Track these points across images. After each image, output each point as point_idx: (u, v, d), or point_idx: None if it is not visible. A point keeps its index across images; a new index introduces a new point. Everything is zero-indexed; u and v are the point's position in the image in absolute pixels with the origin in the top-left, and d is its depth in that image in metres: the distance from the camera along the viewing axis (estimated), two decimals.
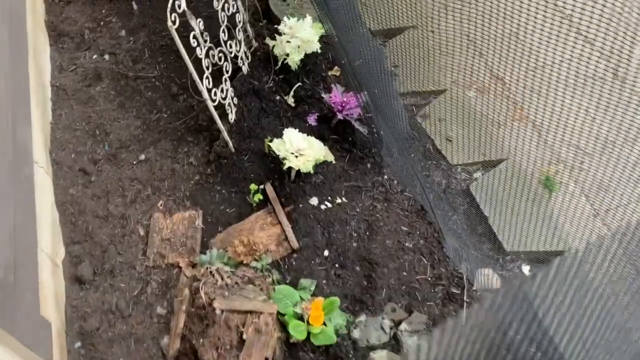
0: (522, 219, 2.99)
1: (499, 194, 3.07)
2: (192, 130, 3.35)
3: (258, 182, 3.02)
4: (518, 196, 3.08)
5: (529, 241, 2.93)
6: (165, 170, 3.22)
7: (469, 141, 3.35)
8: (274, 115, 3.26)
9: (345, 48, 2.84)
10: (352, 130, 3.21)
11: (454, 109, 3.49)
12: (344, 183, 3.06)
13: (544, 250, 2.88)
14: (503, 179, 3.12)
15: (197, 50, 2.65)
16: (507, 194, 3.05)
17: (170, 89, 3.58)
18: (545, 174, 3.49)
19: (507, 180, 3.13)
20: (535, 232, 3.00)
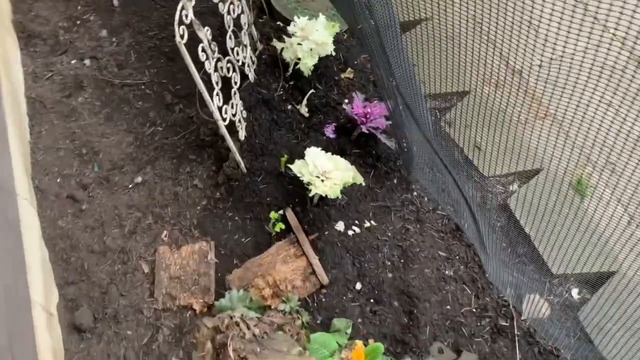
0: (564, 235, 2.75)
1: (539, 208, 2.81)
2: (194, 147, 2.98)
3: (276, 207, 2.69)
4: (557, 210, 2.83)
5: (575, 260, 2.69)
6: (167, 195, 2.85)
7: (499, 148, 3.07)
8: (287, 127, 2.91)
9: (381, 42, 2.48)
10: (375, 142, 2.89)
11: (479, 112, 3.20)
12: (370, 203, 2.75)
13: (592, 272, 2.64)
14: (541, 192, 2.86)
15: (206, 64, 2.28)
16: (548, 209, 2.79)
17: (164, 97, 3.18)
18: (578, 177, 3.26)
19: (546, 193, 2.87)
20: (579, 250, 2.77)
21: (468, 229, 2.76)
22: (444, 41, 3.47)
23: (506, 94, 3.18)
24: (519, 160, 3.07)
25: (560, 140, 3.09)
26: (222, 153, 2.86)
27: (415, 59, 3.37)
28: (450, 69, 3.35)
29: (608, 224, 2.75)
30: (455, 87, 3.26)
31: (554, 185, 2.98)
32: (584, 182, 3.23)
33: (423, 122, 2.72)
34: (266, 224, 2.67)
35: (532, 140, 3.12)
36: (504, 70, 3.38)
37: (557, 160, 2.96)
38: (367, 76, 3.24)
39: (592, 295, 2.63)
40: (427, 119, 2.82)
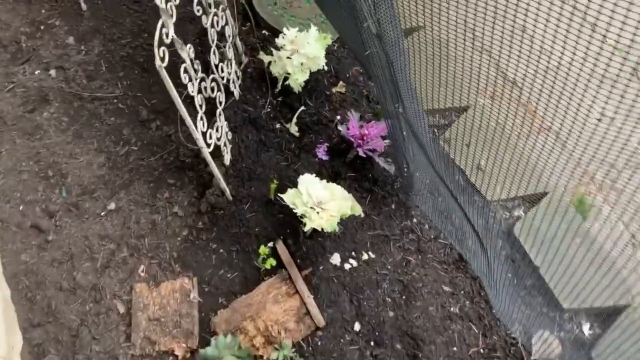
0: (573, 267, 2.59)
1: (546, 236, 2.63)
2: (173, 169, 2.71)
3: (265, 238, 2.45)
4: (565, 238, 2.66)
5: (585, 293, 2.53)
6: (143, 224, 2.58)
7: (501, 168, 2.89)
8: (276, 148, 2.67)
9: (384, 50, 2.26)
10: (372, 164, 2.67)
11: (479, 129, 3.00)
12: (368, 232, 2.53)
13: (604, 306, 2.48)
14: (545, 217, 2.69)
15: (189, 86, 2.02)
16: (556, 236, 2.62)
17: (139, 112, 2.90)
18: (578, 195, 3.10)
19: (552, 218, 2.70)
20: (590, 283, 2.61)
21: (473, 258, 2.57)
22: (438, 50, 3.27)
23: (504, 107, 3.00)
24: (522, 182, 2.89)
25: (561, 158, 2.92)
26: (205, 177, 2.60)
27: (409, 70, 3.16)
28: (445, 81, 3.15)
29: (619, 255, 2.60)
30: (452, 101, 3.06)
31: (558, 211, 2.81)
32: (586, 201, 3.08)
33: (427, 144, 2.52)
34: (254, 257, 2.43)
35: (533, 157, 2.95)
36: (502, 81, 3.20)
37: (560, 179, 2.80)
38: (360, 90, 3.02)
39: (604, 332, 2.47)
40: (430, 140, 2.62)
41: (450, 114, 3.08)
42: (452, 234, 2.66)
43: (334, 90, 2.93)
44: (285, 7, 3.14)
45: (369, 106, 3.00)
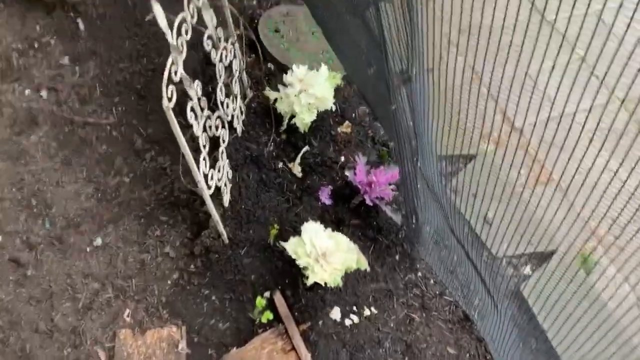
0: (584, 334, 2.47)
1: (553, 297, 2.52)
2: (166, 205, 2.55)
3: (261, 287, 2.30)
4: (574, 302, 2.55)
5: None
6: (131, 263, 2.41)
7: (509, 222, 2.78)
8: (277, 189, 2.54)
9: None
10: (377, 212, 2.55)
11: (487, 178, 2.90)
12: (370, 285, 2.40)
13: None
14: (557, 277, 2.58)
15: (194, 125, 1.88)
16: (563, 297, 2.51)
17: (133, 141, 2.75)
18: (583, 253, 3.00)
19: (560, 279, 2.59)
20: (596, 347, 2.49)
21: (479, 318, 2.44)
22: (444, 95, 3.18)
23: (509, 156, 2.90)
24: (529, 237, 2.79)
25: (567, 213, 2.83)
26: (201, 216, 2.45)
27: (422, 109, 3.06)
28: (456, 126, 3.06)
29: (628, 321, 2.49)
30: (460, 149, 2.96)
31: (565, 270, 2.71)
32: (591, 259, 2.98)
33: (441, 194, 2.41)
34: (249, 307, 2.28)
35: (538, 211, 2.85)
36: (508, 129, 3.12)
37: (566, 235, 2.70)
38: (366, 131, 2.90)
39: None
40: (443, 190, 2.51)
41: (458, 161, 2.98)
42: (457, 290, 2.54)
43: (339, 130, 2.82)
44: (293, 41, 3.03)
45: (374, 148, 2.89)
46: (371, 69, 2.15)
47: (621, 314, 2.53)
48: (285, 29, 3.08)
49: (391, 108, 1.79)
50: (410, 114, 2.01)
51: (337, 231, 2.43)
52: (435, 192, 2.21)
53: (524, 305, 2.48)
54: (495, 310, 2.27)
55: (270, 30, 3.04)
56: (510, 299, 2.49)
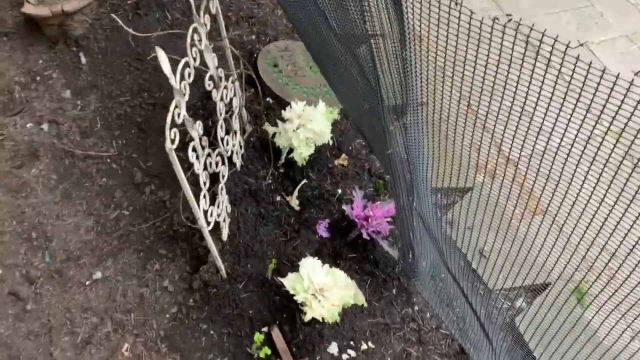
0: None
1: (549, 331, 2.54)
2: (165, 239, 2.58)
3: (259, 322, 2.32)
4: (568, 331, 2.57)
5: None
6: (130, 297, 2.43)
7: (503, 255, 2.82)
8: (275, 222, 2.57)
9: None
10: (374, 245, 2.58)
11: (482, 211, 2.94)
12: (367, 320, 2.42)
13: None
14: (552, 310, 2.61)
15: (195, 164, 1.92)
16: (560, 332, 2.54)
17: (133, 174, 2.79)
18: (579, 287, 3.04)
19: (554, 312, 2.62)
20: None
21: (474, 352, 2.46)
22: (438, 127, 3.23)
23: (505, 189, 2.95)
24: (523, 269, 2.82)
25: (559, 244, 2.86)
26: (200, 250, 2.48)
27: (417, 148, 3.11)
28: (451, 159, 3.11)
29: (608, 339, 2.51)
30: (457, 182, 3.01)
31: (559, 303, 2.74)
32: (584, 289, 3.01)
33: (435, 228, 2.45)
34: (247, 341, 2.29)
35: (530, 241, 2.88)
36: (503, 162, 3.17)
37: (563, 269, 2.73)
38: (362, 163, 2.95)
39: None
40: (437, 223, 2.55)
41: (454, 194, 3.02)
42: (453, 323, 2.56)
43: (336, 163, 2.86)
44: (291, 75, 3.10)
45: (370, 180, 2.93)
46: (365, 104, 2.20)
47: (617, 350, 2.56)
48: (283, 64, 3.15)
49: (387, 150, 1.83)
50: (404, 148, 2.06)
51: (334, 265, 2.47)
52: (429, 227, 2.25)
53: (520, 340, 2.50)
54: (489, 345, 2.30)
55: (269, 65, 3.10)
56: (506, 332, 2.52)
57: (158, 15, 3.33)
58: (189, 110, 2.84)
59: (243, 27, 3.40)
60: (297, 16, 2.58)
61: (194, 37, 1.91)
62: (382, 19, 1.70)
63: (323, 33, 2.08)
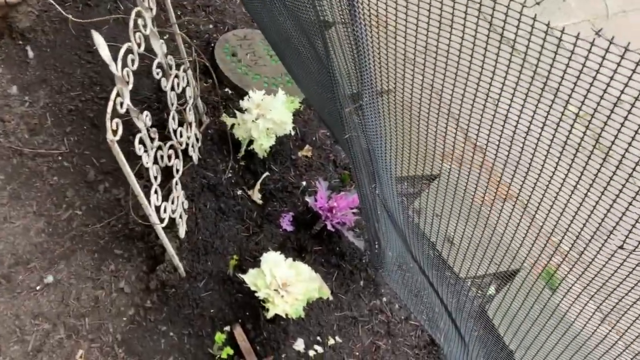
0: (547, 349, 2.45)
1: (520, 317, 2.50)
2: (121, 238, 2.46)
3: (221, 321, 2.22)
4: (540, 321, 2.53)
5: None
6: (85, 301, 2.31)
7: (472, 242, 2.77)
8: (236, 217, 2.47)
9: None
10: (340, 237, 2.50)
11: (453, 199, 2.88)
12: (334, 313, 2.34)
13: None
14: (522, 296, 2.57)
15: (144, 157, 1.81)
16: (530, 318, 2.50)
17: (86, 172, 2.65)
18: (547, 269, 3.01)
19: (525, 298, 2.58)
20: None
21: (445, 341, 2.41)
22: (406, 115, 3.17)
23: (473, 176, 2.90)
24: (493, 256, 2.77)
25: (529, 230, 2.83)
26: (157, 249, 2.36)
27: (377, 135, 3.04)
28: (416, 146, 3.05)
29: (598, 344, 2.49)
30: (423, 169, 2.95)
31: (529, 287, 2.70)
32: (554, 274, 2.99)
33: (399, 217, 2.38)
34: (209, 342, 2.19)
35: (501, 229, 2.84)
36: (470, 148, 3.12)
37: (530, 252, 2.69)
38: (327, 154, 2.87)
39: None
40: (402, 212, 2.49)
41: (420, 182, 2.96)
42: (422, 313, 2.50)
43: (299, 154, 2.77)
44: (250, 64, 2.99)
45: (335, 171, 2.85)
46: (325, 93, 2.12)
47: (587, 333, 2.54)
48: (242, 53, 3.04)
49: (344, 135, 1.75)
50: (364, 137, 1.98)
51: (299, 259, 2.38)
52: (393, 216, 2.18)
53: (490, 326, 2.46)
54: (458, 335, 2.24)
55: (227, 54, 2.99)
56: (475, 320, 2.47)
57: (109, 6, 3.19)
58: (142, 103, 2.72)
59: (200, 15, 3.27)
60: (252, 3, 2.48)
61: (138, 22, 1.79)
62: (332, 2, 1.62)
63: (277, 19, 1.99)
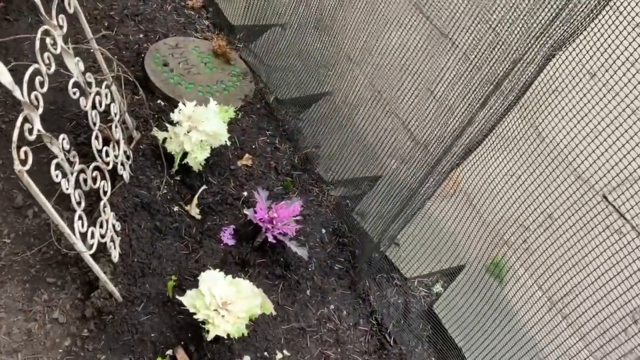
0: (495, 343, 2.47)
1: (466, 313, 2.51)
2: (53, 265, 2.34)
3: (163, 345, 2.14)
4: (487, 313, 2.55)
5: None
6: (17, 335, 2.18)
7: (418, 242, 2.76)
8: (174, 235, 2.38)
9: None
10: (283, 247, 2.45)
11: (393, 200, 2.88)
12: (281, 326, 2.29)
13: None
14: (468, 291, 2.58)
15: (63, 183, 1.71)
16: (477, 312, 2.51)
17: (13, 197, 2.51)
18: (494, 260, 3.04)
19: (472, 293, 2.59)
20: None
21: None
22: (346, 116, 3.15)
23: (417, 172, 2.89)
24: (438, 254, 2.78)
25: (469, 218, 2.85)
26: (90, 275, 2.25)
27: (318, 139, 3.00)
28: (356, 148, 3.03)
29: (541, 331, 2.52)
30: (364, 171, 2.93)
31: (476, 282, 2.72)
32: (501, 265, 3.02)
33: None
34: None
35: (448, 225, 2.85)
36: (411, 145, 3.12)
37: (475, 245, 2.72)
38: (268, 162, 2.81)
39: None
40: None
41: (363, 183, 2.94)
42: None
43: (239, 164, 2.71)
44: (183, 74, 2.90)
45: (277, 179, 2.80)
46: None
47: (535, 321, 2.57)
48: (174, 62, 2.94)
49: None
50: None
51: (242, 272, 2.33)
52: None
53: (438, 324, 2.46)
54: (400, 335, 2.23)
55: (158, 64, 2.89)
56: (424, 320, 2.47)
57: (30, 20, 3.03)
58: (70, 121, 2.60)
59: (129, 25, 3.15)
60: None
61: (47, 42, 1.69)
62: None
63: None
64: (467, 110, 2.21)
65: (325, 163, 2.91)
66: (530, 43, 1.91)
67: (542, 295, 2.64)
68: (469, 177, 2.57)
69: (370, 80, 3.06)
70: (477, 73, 2.22)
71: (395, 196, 2.60)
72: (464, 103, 2.27)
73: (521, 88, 2.07)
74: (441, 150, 2.35)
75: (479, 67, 2.29)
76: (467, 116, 2.23)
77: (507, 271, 2.92)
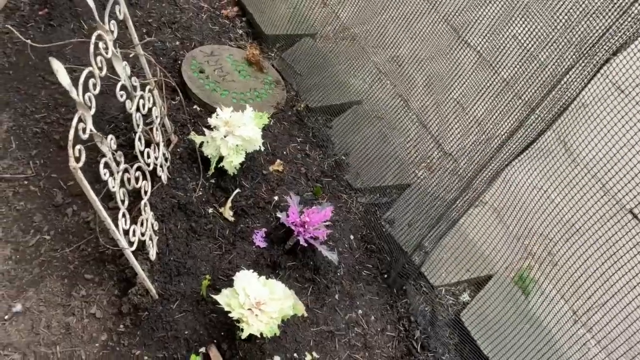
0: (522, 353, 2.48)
1: (492, 321, 2.53)
2: (91, 262, 2.41)
3: (196, 343, 2.19)
4: (512, 320, 2.57)
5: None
6: (55, 328, 2.25)
7: (447, 251, 2.79)
8: (208, 236, 2.45)
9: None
10: (313, 251, 2.50)
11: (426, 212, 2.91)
12: (311, 329, 2.33)
13: None
14: (496, 301, 2.60)
15: (110, 181, 1.79)
16: (503, 321, 2.52)
17: (53, 196, 2.60)
18: (520, 272, 3.06)
19: (499, 304, 2.61)
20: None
21: None
22: (375, 124, 3.20)
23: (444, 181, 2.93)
24: (467, 263, 2.80)
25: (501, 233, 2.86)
26: (127, 272, 2.32)
27: (347, 146, 3.05)
28: (386, 157, 3.08)
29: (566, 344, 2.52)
30: (393, 179, 2.97)
31: (503, 292, 2.73)
32: (527, 278, 3.03)
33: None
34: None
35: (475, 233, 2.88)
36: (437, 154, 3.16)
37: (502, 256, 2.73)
38: (298, 168, 2.87)
39: None
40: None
41: (392, 191, 2.98)
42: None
43: (271, 169, 2.77)
44: (218, 80, 2.98)
45: (307, 184, 2.85)
46: None
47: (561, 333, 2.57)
48: (210, 69, 3.03)
49: None
50: None
51: (273, 275, 2.37)
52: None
53: (465, 333, 2.48)
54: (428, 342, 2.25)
55: (195, 71, 2.98)
56: (452, 328, 2.49)
57: (73, 26, 3.15)
58: (109, 123, 2.69)
59: (166, 33, 3.25)
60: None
61: (99, 45, 1.77)
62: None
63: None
64: (505, 135, 2.25)
65: (354, 170, 2.96)
66: (568, 69, 1.95)
67: (568, 309, 2.65)
68: (496, 190, 2.60)
69: (398, 90, 3.12)
70: (517, 101, 2.27)
71: (428, 208, 2.63)
72: (502, 129, 2.31)
73: (557, 110, 2.11)
74: (473, 169, 2.39)
75: (520, 96, 2.34)
76: (503, 139, 2.27)
77: (534, 283, 2.93)
